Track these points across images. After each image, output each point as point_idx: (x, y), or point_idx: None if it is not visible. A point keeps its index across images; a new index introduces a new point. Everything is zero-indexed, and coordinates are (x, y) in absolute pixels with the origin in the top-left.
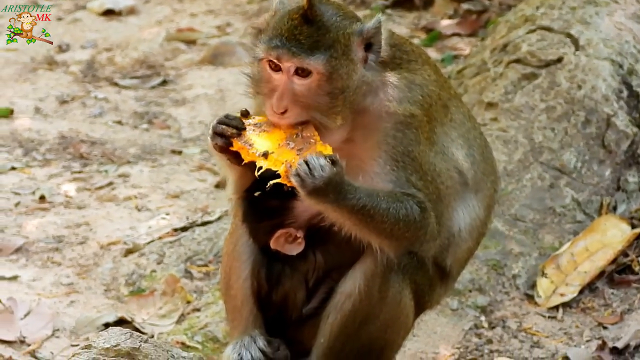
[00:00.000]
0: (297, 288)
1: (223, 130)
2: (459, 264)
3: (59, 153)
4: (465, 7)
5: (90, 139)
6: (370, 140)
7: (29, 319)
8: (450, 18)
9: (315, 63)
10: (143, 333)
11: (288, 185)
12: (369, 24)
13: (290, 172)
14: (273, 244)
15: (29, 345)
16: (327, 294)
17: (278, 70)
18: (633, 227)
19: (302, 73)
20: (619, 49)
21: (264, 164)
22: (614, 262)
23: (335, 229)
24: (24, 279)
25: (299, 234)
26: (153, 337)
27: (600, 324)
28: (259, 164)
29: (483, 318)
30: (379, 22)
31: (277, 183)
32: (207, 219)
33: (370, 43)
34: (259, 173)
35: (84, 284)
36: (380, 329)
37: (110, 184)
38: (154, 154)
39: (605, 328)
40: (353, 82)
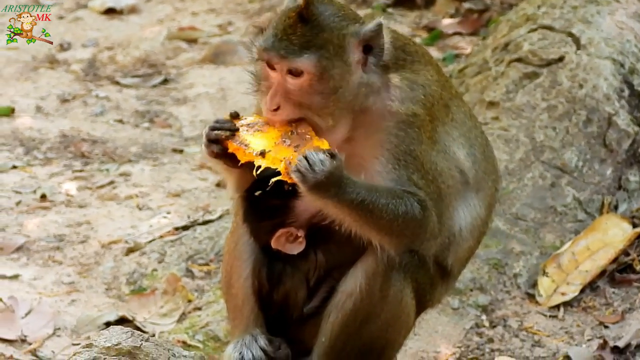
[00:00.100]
0: (298, 287)
1: (217, 136)
2: (460, 263)
3: (60, 152)
4: (467, 6)
5: (92, 138)
6: (372, 139)
7: (30, 318)
8: (452, 17)
9: (306, 63)
10: (144, 332)
11: (289, 183)
12: (367, 27)
13: (291, 168)
14: (274, 244)
15: (30, 344)
16: (328, 293)
17: (274, 69)
18: (634, 226)
19: (294, 72)
20: (621, 48)
21: (263, 163)
22: (615, 261)
23: (336, 228)
24: (25, 278)
25: (300, 233)
26: (154, 336)
27: (602, 323)
28: (257, 164)
29: (484, 317)
30: (379, 25)
31: (277, 181)
32: (208, 218)
33: (370, 46)
34: (258, 172)
35: (85, 283)
36: (382, 328)
37: (112, 183)
38: (155, 153)
39: (607, 327)
40: (347, 83)
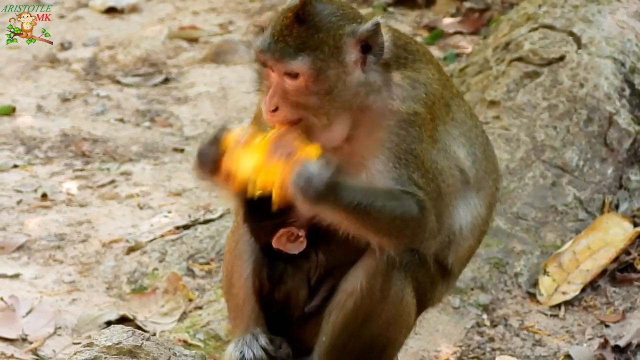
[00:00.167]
0: (299, 286)
1: (208, 157)
2: (461, 262)
3: (61, 151)
4: (468, 5)
5: (93, 137)
6: (373, 138)
7: (31, 317)
8: (453, 16)
9: (300, 65)
10: (145, 331)
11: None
12: (365, 26)
13: (288, 185)
14: (275, 243)
15: (31, 343)
16: (329, 292)
17: (272, 70)
18: (635, 225)
19: (290, 74)
20: (621, 47)
21: (257, 187)
22: (616, 260)
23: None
24: (26, 277)
25: (301, 233)
26: (155, 335)
27: (603, 322)
28: (251, 192)
29: (485, 316)
30: (376, 24)
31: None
32: (209, 217)
33: (369, 45)
34: (256, 198)
35: (86, 282)
36: (382, 327)
37: (112, 182)
38: (156, 152)
39: (608, 326)
40: (344, 83)
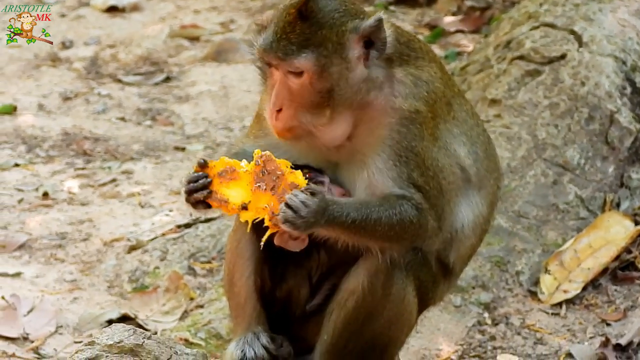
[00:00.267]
0: (300, 285)
1: (196, 199)
2: (462, 261)
3: (62, 150)
4: (469, 3)
5: (94, 136)
6: (374, 136)
7: (32, 316)
8: (454, 15)
9: (304, 62)
10: (146, 330)
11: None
12: (367, 22)
13: (277, 220)
14: (277, 241)
15: (32, 342)
16: (330, 291)
17: (276, 68)
18: (636, 223)
19: (295, 72)
20: (623, 46)
21: (247, 217)
22: (617, 258)
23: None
24: (27, 276)
25: None
26: (156, 333)
27: (604, 321)
28: (243, 219)
29: (486, 315)
30: (379, 19)
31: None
32: (210, 216)
33: (371, 40)
34: (250, 224)
35: (87, 281)
36: (384, 326)
37: (114, 181)
38: (158, 151)
39: (609, 325)
40: (347, 80)
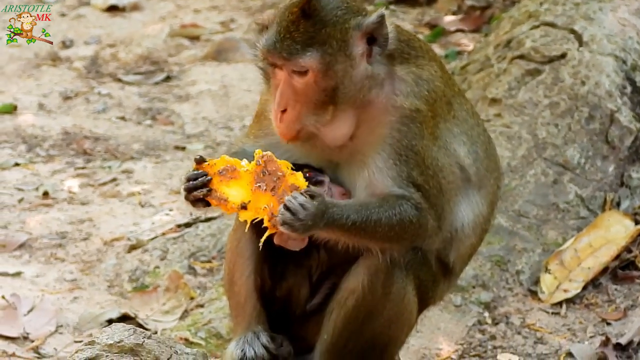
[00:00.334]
0: (300, 284)
1: (195, 197)
2: (462, 260)
3: (63, 149)
4: (469, 3)
5: (94, 135)
6: (375, 134)
7: (33, 315)
8: (454, 14)
9: (309, 61)
10: (146, 329)
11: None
12: (370, 18)
13: (276, 222)
14: (276, 240)
15: (33, 342)
16: (330, 290)
17: (280, 68)
18: (636, 223)
19: (299, 71)
20: (623, 45)
21: (246, 216)
22: (618, 258)
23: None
24: (28, 275)
25: None
26: (156, 333)
27: (604, 320)
28: (242, 218)
29: (486, 314)
30: (381, 15)
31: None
32: (210, 215)
33: (374, 37)
34: (249, 224)
35: (88, 280)
36: (384, 325)
37: (114, 180)
38: (158, 150)
39: (609, 324)
40: (351, 77)
